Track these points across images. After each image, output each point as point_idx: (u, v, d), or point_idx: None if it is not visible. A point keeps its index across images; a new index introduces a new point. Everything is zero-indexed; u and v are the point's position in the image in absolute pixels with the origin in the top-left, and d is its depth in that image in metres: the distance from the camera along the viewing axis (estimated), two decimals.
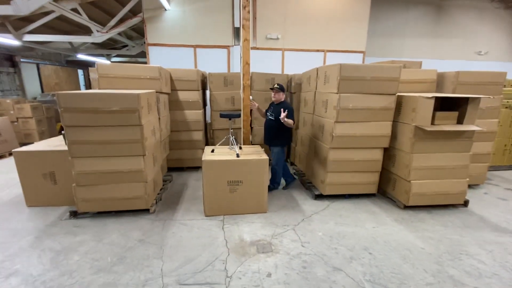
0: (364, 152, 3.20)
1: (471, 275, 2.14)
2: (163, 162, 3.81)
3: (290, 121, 3.13)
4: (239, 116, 3.39)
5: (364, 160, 3.22)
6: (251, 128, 4.68)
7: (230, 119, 3.29)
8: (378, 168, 3.29)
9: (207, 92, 4.76)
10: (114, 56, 11.72)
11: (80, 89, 12.98)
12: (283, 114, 3.07)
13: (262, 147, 3.32)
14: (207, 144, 4.83)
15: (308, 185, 3.64)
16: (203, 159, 2.77)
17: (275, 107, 3.36)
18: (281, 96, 3.35)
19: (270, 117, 3.40)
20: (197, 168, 4.50)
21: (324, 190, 3.31)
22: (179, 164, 4.42)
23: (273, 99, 3.42)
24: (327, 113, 3.23)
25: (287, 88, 4.78)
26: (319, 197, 3.40)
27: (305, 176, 3.97)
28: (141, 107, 2.64)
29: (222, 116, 3.27)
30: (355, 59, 6.06)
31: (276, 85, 3.34)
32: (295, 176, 4.07)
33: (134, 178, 2.79)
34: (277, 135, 3.33)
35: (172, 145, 4.26)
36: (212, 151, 3.08)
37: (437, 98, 2.95)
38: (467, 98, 2.92)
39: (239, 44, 5.63)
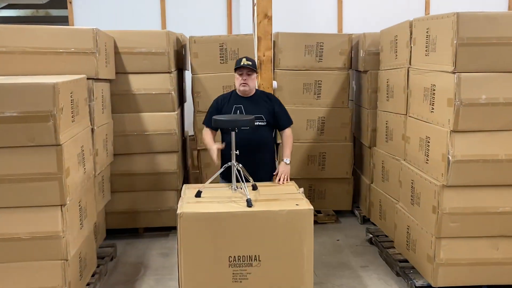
0: None
1: None
2: (98, 219, 3.91)
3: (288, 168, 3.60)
4: (253, 123, 3.43)
5: None
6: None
7: (234, 130, 3.35)
8: None
9: (187, 74, 4.99)
10: (2, 8, 12.50)
11: None
12: (280, 177, 3.50)
13: (299, 187, 3.40)
14: (186, 179, 4.93)
15: (402, 267, 3.67)
16: (179, 211, 2.85)
17: (248, 104, 3.56)
18: (255, 83, 3.70)
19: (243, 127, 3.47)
20: (167, 229, 4.60)
21: (435, 278, 3.31)
22: (131, 223, 4.53)
23: (241, 88, 3.56)
24: (434, 113, 3.32)
25: (350, 62, 4.96)
26: None
27: (395, 247, 4.01)
28: (59, 109, 2.77)
29: (217, 124, 3.40)
30: (490, 3, 6.18)
31: (246, 60, 3.53)
32: None
33: (44, 251, 2.89)
34: (263, 161, 3.52)
35: (117, 183, 4.38)
36: (198, 194, 3.17)
37: None
38: None
39: None
